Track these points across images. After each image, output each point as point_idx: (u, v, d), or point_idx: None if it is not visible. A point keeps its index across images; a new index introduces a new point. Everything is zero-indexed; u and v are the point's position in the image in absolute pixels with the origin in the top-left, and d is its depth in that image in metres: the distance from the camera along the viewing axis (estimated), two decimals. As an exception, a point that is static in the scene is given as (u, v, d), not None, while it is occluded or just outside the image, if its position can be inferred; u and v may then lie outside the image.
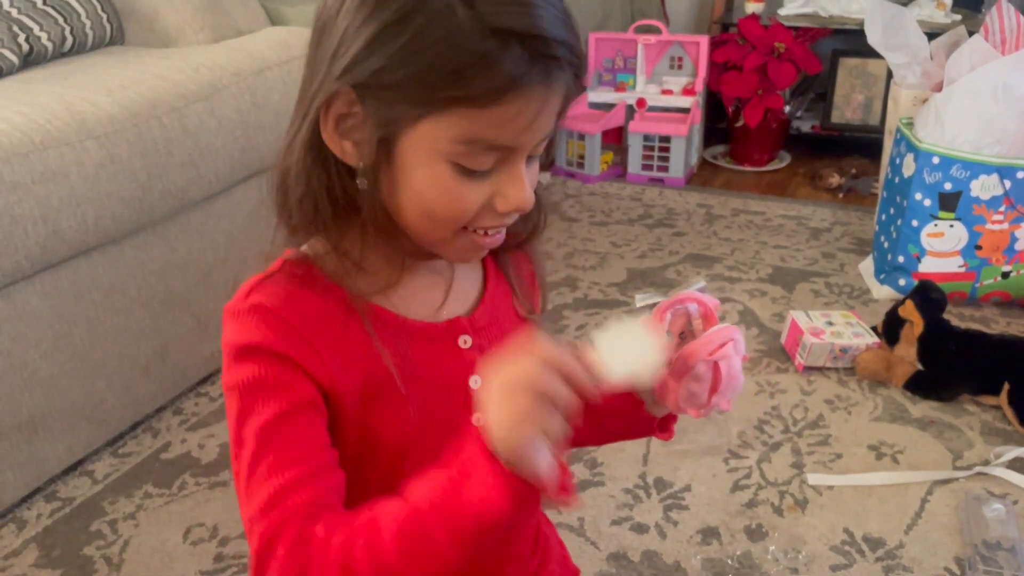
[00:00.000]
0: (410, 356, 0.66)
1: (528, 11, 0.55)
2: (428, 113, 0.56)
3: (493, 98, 0.55)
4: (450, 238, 0.63)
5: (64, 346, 1.30)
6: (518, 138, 0.58)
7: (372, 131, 0.58)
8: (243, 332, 0.61)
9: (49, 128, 1.24)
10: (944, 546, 1.20)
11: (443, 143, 0.57)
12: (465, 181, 0.59)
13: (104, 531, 1.26)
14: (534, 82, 0.56)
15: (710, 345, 0.68)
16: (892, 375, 1.55)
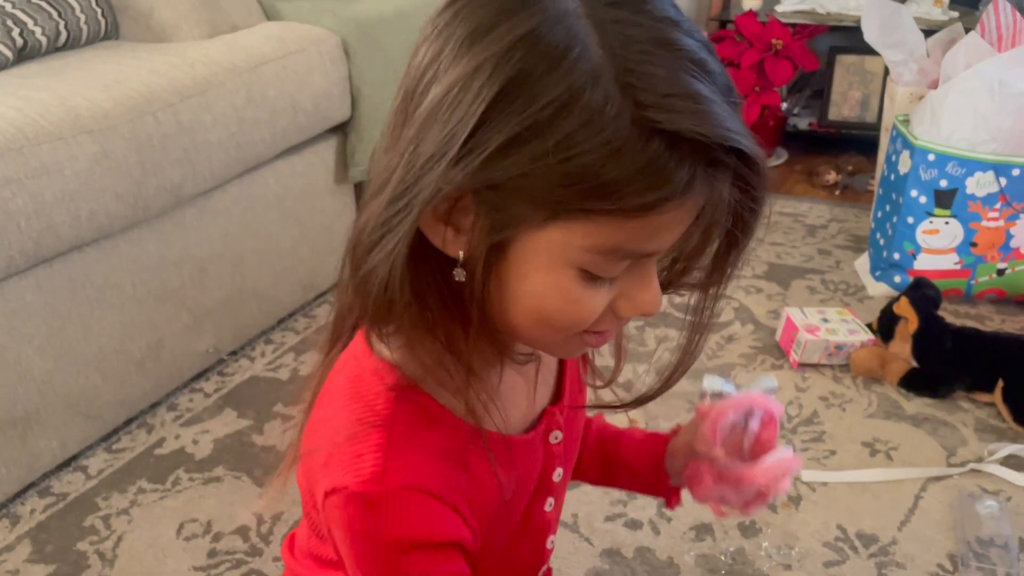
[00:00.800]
0: (516, 472, 0.61)
1: (703, 109, 0.44)
2: (562, 218, 0.46)
3: (647, 211, 0.45)
4: (562, 342, 0.54)
5: (58, 341, 1.30)
6: (663, 247, 0.49)
7: (484, 229, 0.47)
8: (404, 524, 0.53)
9: (43, 123, 1.24)
10: (937, 543, 1.20)
11: (574, 251, 0.47)
12: (590, 287, 0.50)
13: (98, 526, 1.26)
14: (697, 191, 0.46)
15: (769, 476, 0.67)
16: (887, 372, 1.56)
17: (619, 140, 0.43)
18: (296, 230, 1.73)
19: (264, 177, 1.65)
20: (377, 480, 0.52)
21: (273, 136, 1.61)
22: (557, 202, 0.45)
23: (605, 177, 0.44)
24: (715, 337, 1.72)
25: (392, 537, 0.53)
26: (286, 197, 1.70)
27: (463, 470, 0.56)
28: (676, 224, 0.48)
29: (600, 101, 0.43)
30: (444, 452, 0.55)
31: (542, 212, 0.46)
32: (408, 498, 0.53)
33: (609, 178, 0.44)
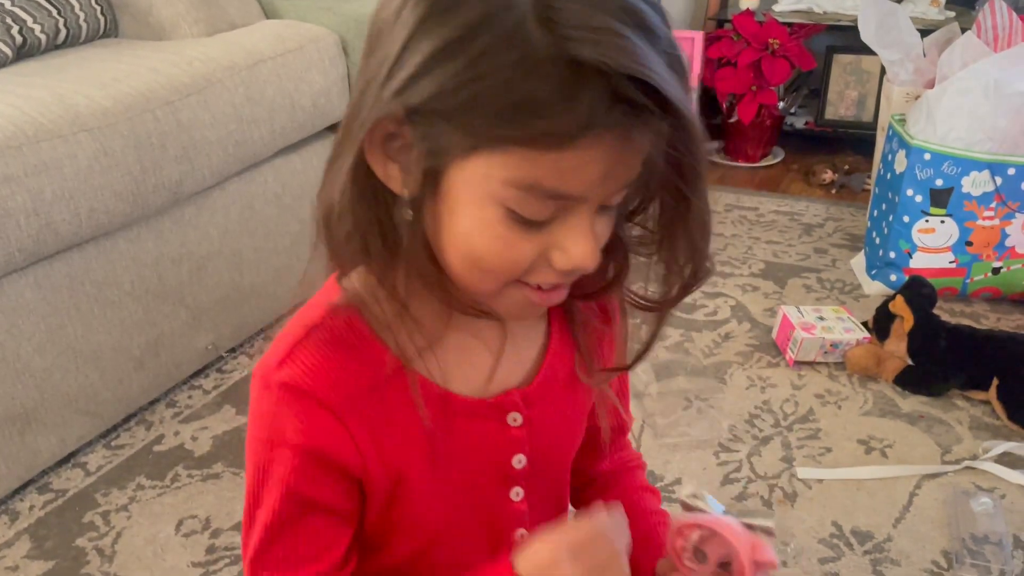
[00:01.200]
0: (451, 433, 0.60)
1: (616, 42, 0.44)
2: (481, 148, 0.48)
3: (559, 143, 0.46)
4: (498, 290, 0.54)
5: (57, 338, 1.30)
6: (586, 189, 0.49)
7: (418, 160, 0.49)
8: (276, 419, 0.56)
9: (42, 121, 1.25)
10: (932, 540, 1.21)
11: (495, 184, 0.48)
12: (518, 229, 0.50)
13: (97, 523, 1.27)
14: (613, 129, 0.46)
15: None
16: (882, 370, 1.56)
17: (527, 64, 0.44)
18: (294, 228, 1.74)
19: (263, 175, 1.65)
20: (276, 368, 0.56)
21: (272, 134, 1.61)
22: (474, 128, 0.47)
23: (513, 99, 0.45)
24: (711, 335, 1.73)
25: (272, 428, 0.56)
26: (284, 195, 1.70)
27: (375, 400, 0.57)
28: (592, 164, 0.48)
29: (512, 24, 0.44)
30: (353, 370, 0.56)
31: (464, 140, 0.47)
32: (295, 396, 0.55)
33: (516, 100, 0.45)
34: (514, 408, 0.62)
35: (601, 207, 0.52)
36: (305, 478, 0.57)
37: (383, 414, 0.57)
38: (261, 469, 0.58)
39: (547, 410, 0.64)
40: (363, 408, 0.57)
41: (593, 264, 0.52)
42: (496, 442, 0.62)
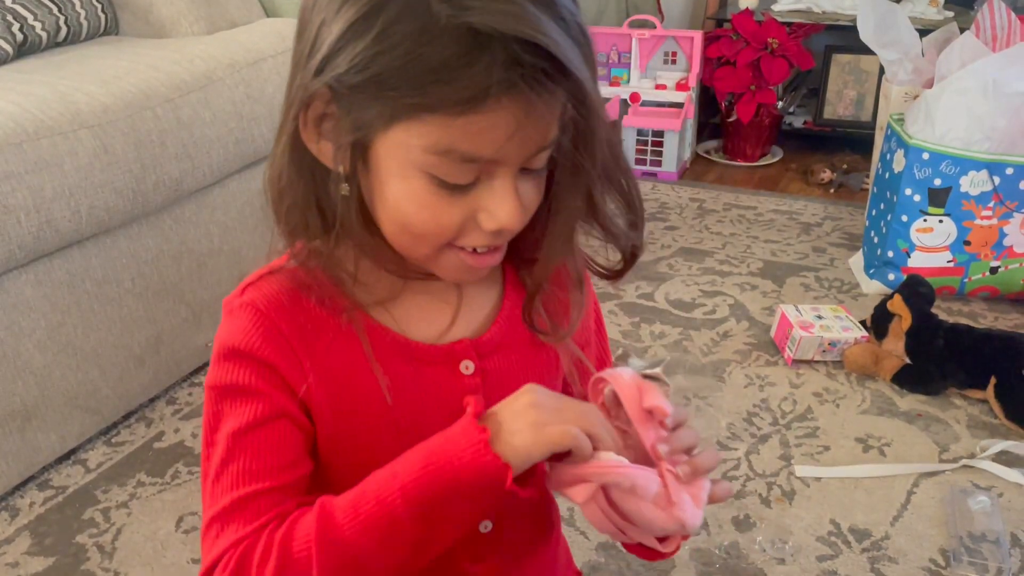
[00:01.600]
0: (404, 378, 0.62)
1: (514, 9, 0.48)
2: (398, 118, 0.51)
3: (465, 107, 0.49)
4: (434, 255, 0.57)
5: (57, 336, 1.31)
6: (499, 151, 0.52)
7: (346, 136, 0.53)
8: (231, 333, 0.60)
9: (43, 118, 1.25)
10: (929, 538, 1.21)
11: (415, 153, 0.52)
12: (444, 194, 0.54)
13: (97, 519, 1.27)
14: (514, 92, 0.49)
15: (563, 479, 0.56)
16: (880, 369, 1.57)
17: (428, 33, 0.48)
18: (294, 226, 1.74)
19: (263, 172, 1.65)
20: (236, 295, 0.61)
21: (272, 132, 1.60)
22: (389, 99, 0.50)
23: (418, 68, 0.49)
24: (710, 334, 1.73)
25: (224, 340, 0.60)
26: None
27: (325, 336, 0.60)
28: (500, 127, 0.50)
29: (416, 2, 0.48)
30: (311, 311, 0.60)
31: (383, 112, 0.51)
32: (252, 313, 0.59)
33: (421, 69, 0.49)
34: (465, 356, 0.64)
35: (524, 170, 0.55)
36: (260, 386, 0.59)
37: (335, 350, 0.60)
38: (217, 389, 0.60)
39: (503, 364, 0.65)
40: (315, 342, 0.60)
41: (518, 224, 0.55)
42: (449, 389, 0.63)
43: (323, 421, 0.61)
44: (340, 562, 0.54)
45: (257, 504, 0.57)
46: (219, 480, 0.58)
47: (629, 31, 2.61)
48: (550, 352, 0.68)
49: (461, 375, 0.64)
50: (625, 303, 1.85)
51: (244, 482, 0.58)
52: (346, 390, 0.61)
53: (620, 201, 0.62)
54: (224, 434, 0.59)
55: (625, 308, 1.83)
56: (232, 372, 0.59)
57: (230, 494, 0.58)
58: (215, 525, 0.58)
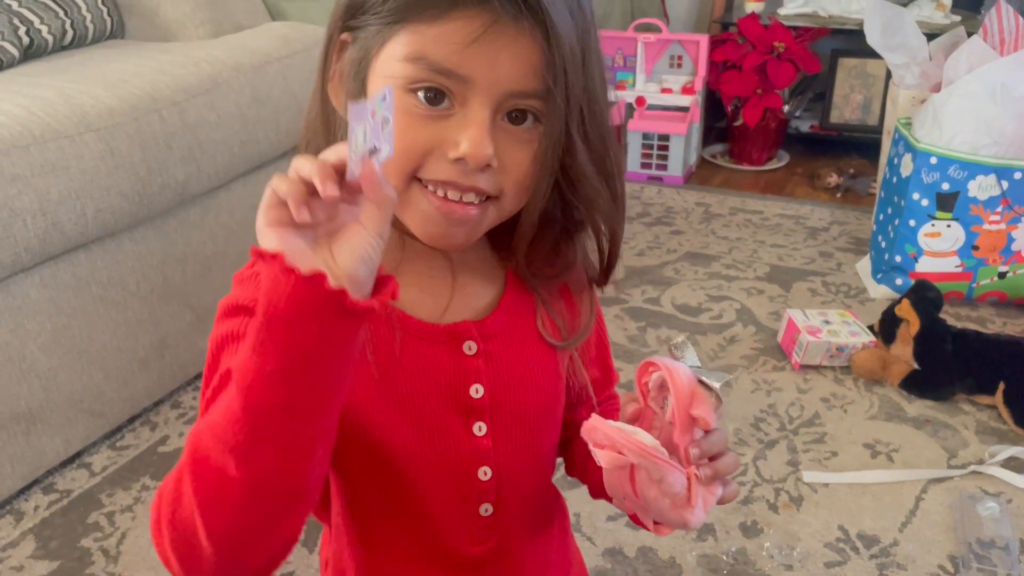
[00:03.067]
0: (407, 354, 0.62)
1: None
2: (388, 33, 0.56)
3: (435, 15, 0.54)
4: (403, 188, 0.57)
5: (62, 339, 1.30)
6: (466, 63, 0.54)
7: (353, 66, 0.58)
8: (238, 293, 0.60)
9: (49, 121, 1.25)
10: (938, 544, 1.21)
11: (395, 64, 0.56)
12: (416, 115, 0.56)
13: (101, 523, 1.27)
14: (481, 6, 0.54)
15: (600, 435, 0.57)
16: (888, 374, 1.56)
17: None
18: (299, 229, 1.74)
19: (268, 176, 1.63)
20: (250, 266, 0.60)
21: (277, 135, 1.61)
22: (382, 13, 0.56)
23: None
24: (716, 338, 1.72)
25: (229, 300, 0.59)
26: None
27: None
28: (466, 32, 0.54)
29: None
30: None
31: (380, 33, 0.56)
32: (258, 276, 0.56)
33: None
34: (468, 336, 0.64)
35: (509, 120, 0.57)
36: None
37: None
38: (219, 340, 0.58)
39: (505, 350, 0.66)
40: None
41: (481, 155, 0.55)
42: (452, 368, 0.64)
43: None
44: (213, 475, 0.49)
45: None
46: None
47: (635, 35, 2.61)
48: (550, 349, 0.69)
49: (464, 354, 0.64)
50: (631, 307, 1.85)
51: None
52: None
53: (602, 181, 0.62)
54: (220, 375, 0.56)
55: (631, 312, 1.83)
56: (235, 325, 0.57)
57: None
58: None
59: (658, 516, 0.58)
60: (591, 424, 0.58)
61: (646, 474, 0.56)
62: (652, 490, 0.57)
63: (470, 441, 0.65)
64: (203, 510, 0.49)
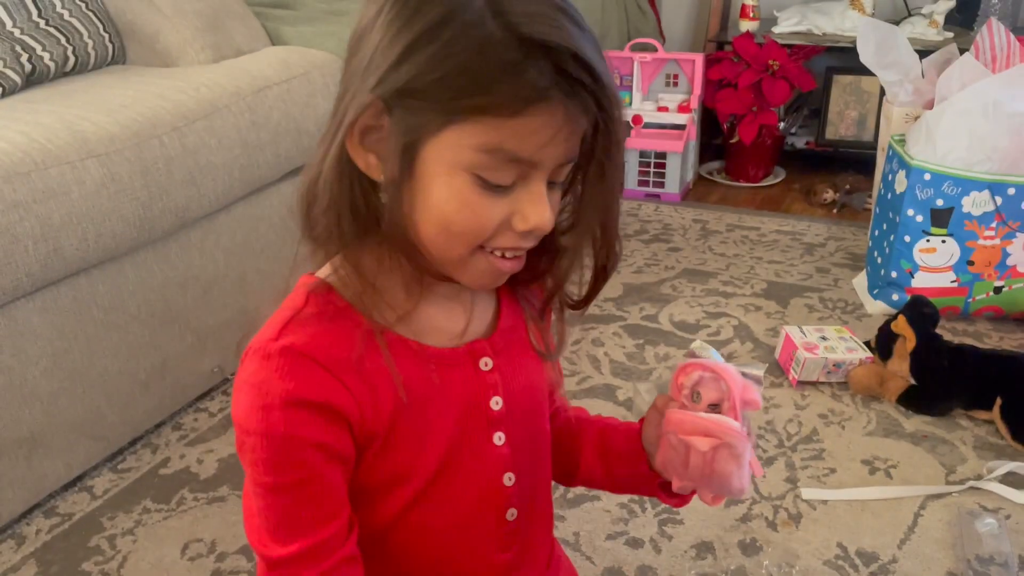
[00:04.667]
0: (432, 383, 0.65)
1: (558, 26, 0.55)
2: (453, 121, 0.56)
3: (517, 108, 0.55)
4: (467, 257, 0.62)
5: (64, 363, 1.31)
6: (539, 152, 0.58)
7: (397, 141, 0.57)
8: (279, 379, 0.60)
9: (50, 147, 1.26)
10: (937, 561, 1.21)
11: (466, 152, 0.57)
12: (485, 195, 0.58)
13: (103, 546, 1.27)
14: (558, 96, 0.56)
15: (687, 427, 0.67)
16: (885, 390, 1.57)
17: (487, 45, 0.54)
18: (299, 251, 1.75)
19: (268, 199, 1.67)
20: (273, 339, 0.61)
21: (277, 158, 1.63)
22: (447, 102, 0.56)
23: (481, 73, 0.54)
24: (715, 355, 1.73)
25: (278, 389, 0.60)
26: (289, 219, 1.71)
27: (359, 357, 0.62)
28: (543, 130, 0.57)
29: (474, 16, 0.55)
30: (341, 336, 0.62)
31: (438, 116, 0.56)
32: (295, 357, 0.60)
33: (484, 73, 0.54)
34: (483, 353, 0.68)
35: (550, 182, 0.61)
36: (315, 432, 0.61)
37: (367, 370, 0.63)
38: (272, 437, 0.60)
39: (511, 361, 0.70)
40: (353, 370, 0.62)
41: (548, 226, 0.60)
42: (474, 386, 0.68)
43: (378, 439, 0.64)
44: None
45: (328, 546, 0.63)
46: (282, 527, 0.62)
47: (631, 54, 2.63)
48: (539, 358, 0.74)
49: (481, 371, 0.68)
50: (629, 325, 1.86)
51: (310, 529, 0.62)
52: (390, 405, 0.64)
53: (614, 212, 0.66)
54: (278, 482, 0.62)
55: (629, 330, 1.84)
56: (289, 420, 0.60)
57: (299, 541, 0.62)
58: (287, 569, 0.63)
59: (721, 488, 0.69)
60: (678, 417, 0.68)
61: (728, 453, 0.66)
62: (731, 465, 0.66)
63: (493, 451, 0.70)
64: None
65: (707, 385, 0.68)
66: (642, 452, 0.76)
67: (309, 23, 1.97)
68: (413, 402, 0.64)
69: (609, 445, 0.80)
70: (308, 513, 0.62)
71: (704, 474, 0.68)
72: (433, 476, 0.67)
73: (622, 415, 1.55)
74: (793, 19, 2.71)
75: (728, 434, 0.66)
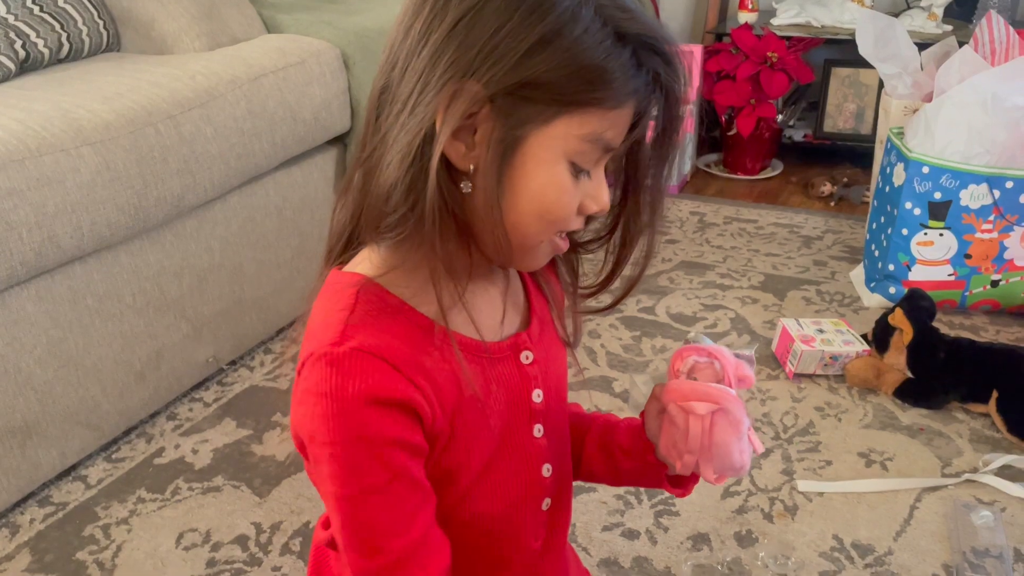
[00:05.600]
0: (484, 377, 0.67)
1: (644, 21, 0.59)
2: (565, 112, 0.58)
3: (622, 101, 0.59)
4: (548, 240, 0.64)
5: (58, 351, 1.31)
6: (620, 141, 0.62)
7: (501, 131, 0.57)
8: (352, 382, 0.58)
9: (45, 135, 1.25)
10: (932, 553, 1.21)
11: (572, 141, 0.59)
12: (574, 181, 0.61)
13: (97, 536, 1.27)
14: (648, 94, 0.60)
15: (686, 393, 0.69)
16: (882, 383, 1.57)
17: (608, 40, 0.57)
18: (295, 240, 1.74)
19: (264, 188, 1.66)
20: (338, 343, 0.59)
21: (273, 147, 1.62)
22: (566, 95, 0.57)
23: (602, 69, 0.57)
24: (712, 348, 1.73)
25: (353, 391, 0.58)
26: (285, 208, 1.71)
27: (421, 354, 0.61)
28: (627, 120, 0.61)
29: (590, 16, 0.57)
30: (401, 334, 0.61)
31: (552, 108, 0.57)
32: (365, 358, 0.59)
33: (604, 69, 0.57)
34: (524, 347, 0.69)
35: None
36: (390, 424, 0.60)
37: (431, 373, 0.62)
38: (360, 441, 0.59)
39: (545, 350, 0.72)
40: (420, 368, 0.61)
41: (607, 209, 0.64)
42: (518, 380, 0.69)
43: (444, 434, 0.64)
44: None
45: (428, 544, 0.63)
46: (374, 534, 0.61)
47: (629, 45, 2.62)
48: (563, 346, 0.76)
49: (523, 365, 0.69)
50: (626, 317, 1.85)
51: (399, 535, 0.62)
52: (453, 399, 0.64)
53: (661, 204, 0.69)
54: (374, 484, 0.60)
55: (626, 322, 1.83)
56: (373, 423, 0.59)
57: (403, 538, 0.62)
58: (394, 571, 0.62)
59: (722, 462, 0.70)
60: (675, 385, 0.70)
61: (726, 420, 0.68)
62: (730, 434, 0.68)
63: (534, 444, 0.72)
64: None
65: (702, 368, 0.71)
66: (648, 444, 0.77)
67: (305, 11, 1.96)
68: (472, 397, 0.64)
69: (612, 439, 0.81)
70: (395, 515, 0.61)
71: (704, 445, 0.69)
72: (483, 471, 0.68)
73: (618, 407, 1.54)
74: (792, 11, 2.70)
75: (725, 399, 0.68)
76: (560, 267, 0.74)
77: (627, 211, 0.68)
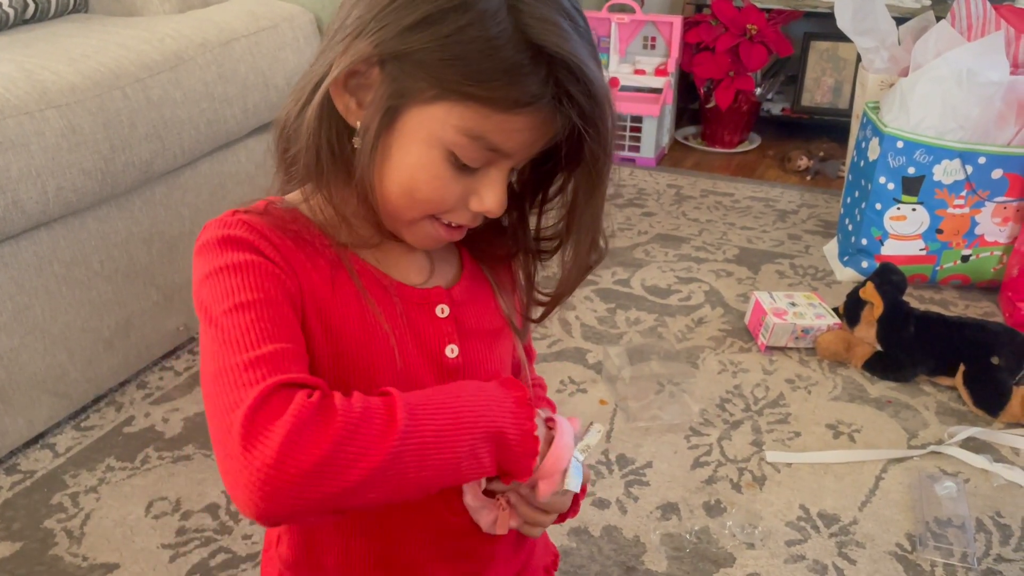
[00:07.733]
0: (397, 314, 0.67)
1: (565, 36, 0.58)
2: (446, 98, 0.58)
3: (510, 107, 0.58)
4: (418, 221, 0.64)
5: (25, 319, 1.29)
6: (515, 150, 0.61)
7: (383, 95, 0.59)
8: (230, 229, 0.61)
9: (8, 97, 1.22)
10: (896, 523, 1.23)
11: (449, 130, 0.59)
12: (453, 172, 0.61)
13: (65, 504, 1.26)
14: (549, 105, 0.59)
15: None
16: (852, 356, 1.58)
17: (500, 40, 0.56)
18: (268, 209, 1.72)
19: (235, 155, 1.64)
20: (231, 215, 0.63)
21: (244, 113, 1.59)
22: (445, 80, 0.57)
23: (484, 66, 0.57)
24: (684, 320, 1.74)
25: (219, 236, 0.62)
26: (257, 175, 1.69)
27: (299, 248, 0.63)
28: (527, 131, 0.60)
29: (492, 8, 0.56)
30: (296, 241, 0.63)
31: (432, 89, 0.58)
32: (243, 223, 0.62)
33: (487, 67, 0.57)
34: (441, 300, 0.70)
35: (511, 168, 0.64)
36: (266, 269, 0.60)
37: (320, 277, 0.63)
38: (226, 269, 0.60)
39: (470, 316, 0.71)
40: (302, 261, 0.63)
41: (500, 212, 0.64)
42: (429, 328, 0.69)
43: (313, 332, 0.63)
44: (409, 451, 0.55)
45: (285, 359, 0.56)
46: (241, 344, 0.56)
47: (608, 15, 2.60)
48: (507, 326, 0.76)
49: (437, 317, 0.69)
50: (601, 289, 1.86)
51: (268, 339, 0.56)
52: (333, 310, 0.64)
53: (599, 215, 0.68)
54: (237, 303, 0.58)
55: (601, 294, 1.84)
56: (238, 255, 0.60)
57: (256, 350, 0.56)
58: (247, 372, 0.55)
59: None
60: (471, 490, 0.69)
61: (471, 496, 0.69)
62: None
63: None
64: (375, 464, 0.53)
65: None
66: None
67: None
68: (377, 329, 0.65)
69: None
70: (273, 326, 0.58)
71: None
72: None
73: (592, 378, 1.55)
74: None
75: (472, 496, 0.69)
76: (518, 270, 0.76)
77: (569, 230, 0.68)
